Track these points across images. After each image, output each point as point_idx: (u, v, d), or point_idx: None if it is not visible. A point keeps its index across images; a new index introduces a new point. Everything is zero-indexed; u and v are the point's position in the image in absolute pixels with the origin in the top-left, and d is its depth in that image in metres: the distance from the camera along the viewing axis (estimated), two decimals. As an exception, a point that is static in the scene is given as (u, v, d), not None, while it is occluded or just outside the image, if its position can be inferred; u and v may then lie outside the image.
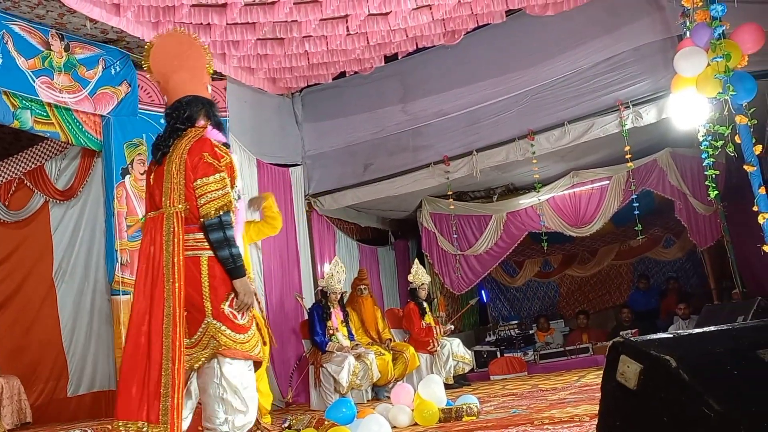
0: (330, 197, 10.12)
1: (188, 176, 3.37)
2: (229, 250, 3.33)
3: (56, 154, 7.98)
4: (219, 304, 3.29)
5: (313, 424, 4.24)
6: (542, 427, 3.91)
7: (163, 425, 3.10)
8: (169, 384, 3.14)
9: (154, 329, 3.25)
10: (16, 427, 6.82)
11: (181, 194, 3.37)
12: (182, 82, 3.58)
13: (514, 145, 8.95)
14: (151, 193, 3.50)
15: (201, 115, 3.55)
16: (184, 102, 3.53)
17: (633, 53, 8.28)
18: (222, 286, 3.33)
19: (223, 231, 3.33)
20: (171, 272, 3.28)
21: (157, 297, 3.28)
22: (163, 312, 3.24)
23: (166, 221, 3.36)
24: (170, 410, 3.12)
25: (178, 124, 3.50)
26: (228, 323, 3.28)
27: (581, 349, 9.77)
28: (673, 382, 1.71)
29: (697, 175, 8.79)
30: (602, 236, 12.12)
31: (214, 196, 3.33)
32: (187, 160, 3.38)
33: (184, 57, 3.64)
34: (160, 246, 3.34)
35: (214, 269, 3.34)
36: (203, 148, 3.40)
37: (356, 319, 8.64)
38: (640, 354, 1.79)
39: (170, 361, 3.17)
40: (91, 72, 7.16)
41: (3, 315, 8.07)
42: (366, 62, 8.76)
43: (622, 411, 1.86)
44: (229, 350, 3.26)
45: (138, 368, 3.25)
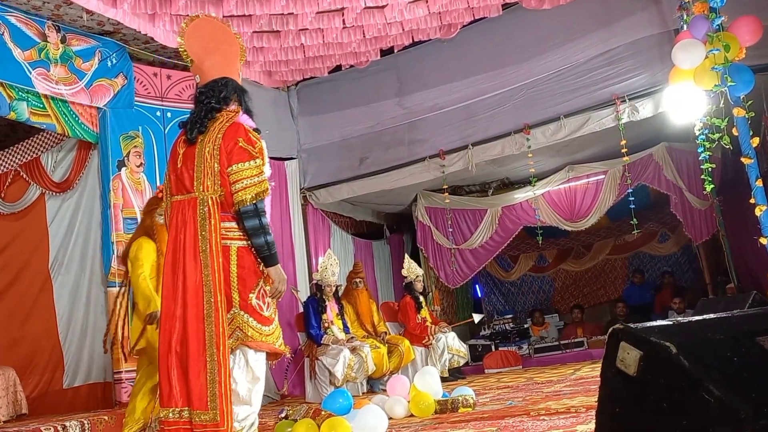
0: (325, 191, 10.13)
1: (222, 162, 3.32)
2: (264, 237, 3.31)
3: (52, 146, 7.96)
4: (247, 295, 3.28)
5: (309, 415, 4.25)
6: (538, 418, 3.92)
7: (212, 411, 3.11)
8: (215, 370, 3.14)
9: (191, 315, 3.22)
10: (11, 418, 6.80)
11: (216, 179, 3.32)
12: (217, 64, 3.57)
13: (509, 139, 8.95)
14: (179, 176, 3.44)
15: (234, 98, 3.54)
16: (221, 83, 3.51)
17: (629, 47, 8.28)
18: (250, 277, 3.32)
19: (258, 218, 3.30)
20: (210, 259, 3.25)
21: (192, 284, 3.25)
22: (203, 299, 3.22)
23: (200, 207, 3.32)
24: (218, 396, 3.12)
25: (213, 103, 3.46)
26: (255, 315, 3.28)
27: (576, 343, 9.81)
28: (673, 369, 1.72)
29: (693, 170, 8.82)
30: (597, 231, 12.15)
31: (251, 182, 3.28)
32: (222, 145, 3.34)
33: (220, 41, 3.63)
34: (194, 232, 3.31)
35: (243, 260, 3.32)
36: (238, 133, 3.36)
37: (351, 312, 8.65)
38: (640, 340, 1.80)
39: (215, 347, 3.17)
40: (88, 64, 7.15)
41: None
42: (362, 56, 8.76)
43: (622, 397, 1.87)
44: (254, 342, 3.27)
45: (178, 356, 3.24)
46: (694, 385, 1.65)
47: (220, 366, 3.15)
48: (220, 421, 3.10)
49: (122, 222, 7.33)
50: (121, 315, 5.26)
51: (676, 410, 1.71)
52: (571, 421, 3.64)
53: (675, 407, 1.71)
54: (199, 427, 3.13)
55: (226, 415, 3.12)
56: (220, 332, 3.17)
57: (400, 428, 4.40)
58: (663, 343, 1.74)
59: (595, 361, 8.61)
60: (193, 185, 3.36)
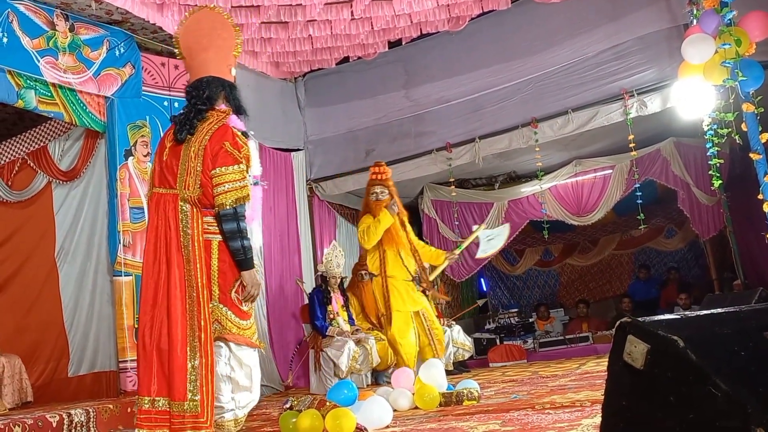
0: (331, 182, 10.12)
1: (206, 163, 3.38)
2: (241, 241, 3.38)
3: (60, 134, 7.97)
4: (227, 289, 3.36)
5: (314, 405, 4.25)
6: (543, 412, 3.92)
7: (191, 402, 3.18)
8: (197, 363, 3.21)
9: (174, 308, 3.28)
10: (17, 406, 6.83)
11: (197, 179, 3.39)
12: (206, 62, 3.61)
13: (517, 133, 8.93)
14: (163, 169, 3.50)
15: (221, 97, 3.58)
16: (205, 81, 3.56)
17: (638, 42, 8.24)
18: (230, 272, 3.40)
19: (237, 222, 3.37)
20: (192, 254, 3.33)
21: (175, 278, 3.32)
22: (186, 293, 3.29)
23: (181, 204, 3.41)
24: (200, 388, 3.20)
25: (199, 105, 3.51)
26: (233, 308, 3.37)
27: (581, 337, 9.80)
28: (680, 363, 1.71)
29: (701, 165, 8.78)
30: (604, 225, 12.13)
31: (232, 187, 3.35)
32: (208, 147, 3.40)
33: (214, 36, 3.65)
34: (176, 227, 3.38)
35: (223, 254, 3.40)
36: (224, 137, 3.42)
37: (357, 304, 8.66)
38: (648, 334, 1.79)
39: (197, 340, 3.24)
40: (96, 53, 7.15)
41: (5, 295, 8.08)
42: (370, 47, 8.74)
43: (629, 391, 1.86)
44: (232, 335, 3.34)
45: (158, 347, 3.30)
46: (701, 379, 1.65)
47: (202, 359, 3.22)
48: (200, 412, 3.17)
49: (129, 211, 7.33)
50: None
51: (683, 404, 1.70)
52: (576, 414, 3.63)
53: (682, 401, 1.70)
54: (177, 417, 3.18)
55: (207, 406, 3.19)
56: (202, 326, 3.24)
57: (405, 420, 4.41)
58: (671, 336, 1.74)
59: (600, 355, 8.60)
60: (176, 182, 3.43)
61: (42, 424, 5.25)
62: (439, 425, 3.90)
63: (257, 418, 5.65)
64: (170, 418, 3.22)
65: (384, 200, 6.19)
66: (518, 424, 3.54)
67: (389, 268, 6.18)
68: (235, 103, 3.65)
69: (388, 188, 6.29)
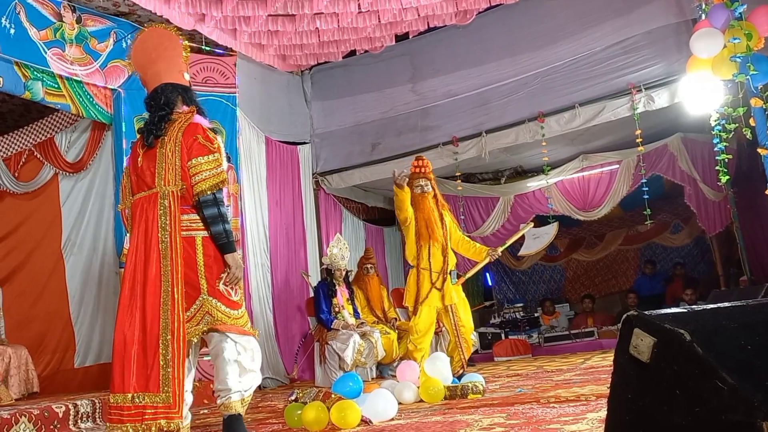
0: (337, 176, 10.13)
1: (183, 157, 3.54)
2: (222, 225, 3.54)
3: (66, 126, 7.99)
4: (214, 282, 3.50)
5: (319, 398, 4.26)
6: (548, 406, 3.92)
7: (164, 393, 3.28)
8: (168, 356, 3.31)
9: (150, 305, 3.40)
10: (23, 396, 6.86)
11: (177, 174, 3.54)
12: (158, 72, 3.79)
13: (523, 127, 8.92)
14: (140, 174, 3.65)
15: (178, 100, 3.74)
16: (159, 89, 3.74)
17: (646, 36, 8.22)
18: (216, 265, 3.54)
19: (217, 207, 3.54)
20: (169, 250, 3.45)
21: (152, 275, 3.43)
22: (161, 288, 3.40)
23: (161, 200, 3.52)
24: (171, 380, 3.29)
25: (160, 111, 3.68)
26: (223, 300, 3.51)
27: (586, 332, 9.79)
28: (686, 356, 1.71)
29: (708, 161, 8.77)
30: (610, 221, 12.10)
31: (209, 174, 3.53)
32: (182, 142, 3.56)
33: (161, 48, 3.85)
34: (155, 224, 3.50)
35: (208, 248, 3.54)
36: (196, 131, 3.60)
37: (362, 298, 8.66)
38: (654, 327, 1.79)
39: (169, 334, 3.34)
40: (103, 45, 7.15)
41: (12, 285, 8.11)
42: (376, 41, 8.72)
43: (635, 384, 1.86)
44: (224, 325, 3.47)
45: (134, 344, 3.39)
46: (707, 372, 1.65)
47: (174, 353, 3.32)
48: (172, 404, 3.28)
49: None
50: None
51: (688, 397, 1.70)
52: (581, 408, 3.63)
53: (688, 394, 1.70)
54: (150, 408, 3.28)
55: (178, 398, 3.29)
56: (175, 320, 3.35)
57: (410, 413, 4.41)
58: (677, 330, 1.73)
59: (605, 350, 8.60)
60: (154, 181, 3.57)
61: (48, 415, 5.28)
62: (444, 418, 3.90)
63: (263, 410, 5.67)
64: (142, 413, 3.31)
65: (428, 192, 6.29)
66: (523, 418, 3.54)
67: (423, 261, 6.21)
68: (194, 103, 3.81)
69: (431, 181, 6.38)
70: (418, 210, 6.24)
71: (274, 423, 4.67)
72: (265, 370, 8.24)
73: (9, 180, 8.24)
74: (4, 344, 7.08)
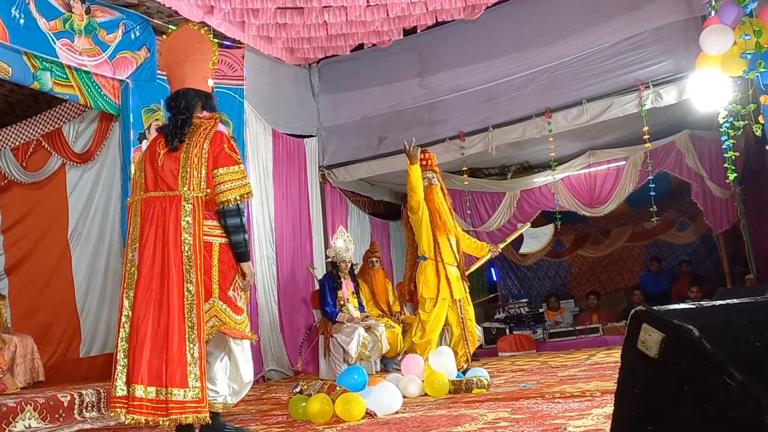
0: (344, 169, 10.13)
1: (209, 165, 3.61)
2: (243, 235, 3.65)
3: (74, 116, 8.01)
4: (226, 287, 3.61)
5: (324, 390, 4.27)
6: (553, 401, 3.92)
7: (193, 390, 3.38)
8: (195, 353, 3.42)
9: (173, 305, 3.45)
10: (29, 385, 6.89)
11: (202, 181, 3.60)
12: (183, 75, 3.84)
13: (530, 123, 8.90)
14: (160, 174, 3.66)
15: (198, 106, 3.80)
16: (182, 93, 3.78)
17: (655, 33, 8.19)
18: (230, 271, 3.65)
19: (239, 217, 3.64)
20: (192, 252, 3.52)
21: (173, 275, 3.48)
22: (184, 288, 3.47)
23: (184, 204, 3.57)
24: (199, 377, 3.40)
25: (180, 115, 3.73)
26: (231, 305, 3.63)
27: (591, 329, 9.78)
28: (695, 352, 1.70)
29: (716, 158, 8.74)
30: (616, 217, 12.08)
31: (236, 185, 3.61)
32: (210, 150, 3.64)
33: (190, 50, 3.88)
34: (176, 226, 3.54)
35: (224, 255, 3.64)
36: (222, 140, 3.68)
37: (367, 291, 8.67)
38: (663, 323, 1.79)
39: (195, 332, 3.44)
40: (111, 36, 7.15)
41: (18, 275, 8.16)
42: (384, 35, 8.71)
43: (642, 379, 1.86)
44: (229, 330, 3.60)
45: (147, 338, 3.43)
46: (715, 368, 1.64)
47: (199, 350, 3.42)
48: (200, 398, 3.40)
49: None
50: None
51: (696, 393, 1.70)
52: (586, 404, 3.64)
53: (696, 390, 1.70)
54: (178, 403, 3.36)
55: (204, 393, 3.41)
56: (200, 320, 3.45)
57: (414, 406, 4.42)
58: (685, 326, 1.73)
59: (610, 347, 8.60)
60: (177, 184, 3.61)
61: (53, 403, 5.30)
62: (449, 412, 3.91)
63: (267, 402, 5.68)
64: (167, 406, 3.36)
65: (436, 185, 6.26)
66: (528, 413, 3.55)
67: (436, 253, 6.15)
68: (214, 111, 3.88)
69: (437, 174, 6.36)
70: (428, 201, 6.20)
71: (278, 415, 4.69)
72: (269, 362, 8.27)
73: (17, 170, 8.27)
74: (10, 333, 7.12)
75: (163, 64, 4.03)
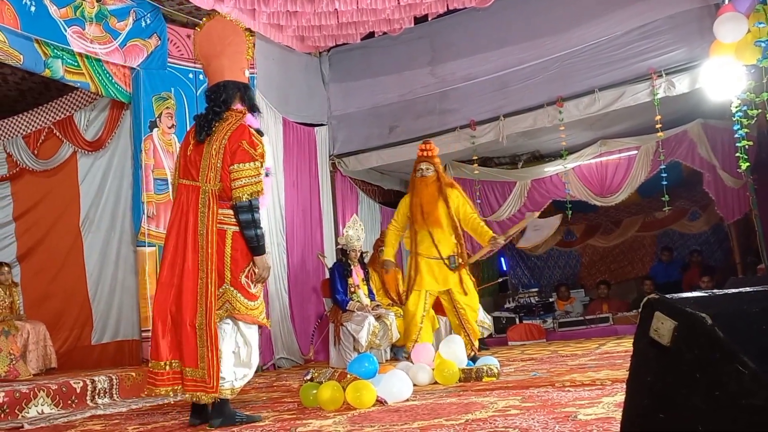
0: (354, 158, 10.13)
1: (225, 160, 3.76)
2: (255, 230, 3.75)
3: (85, 104, 8.03)
4: (238, 274, 3.74)
5: (335, 378, 4.28)
6: (563, 389, 3.92)
7: (201, 370, 3.62)
8: (204, 337, 3.62)
9: (186, 290, 3.70)
10: (41, 371, 6.95)
11: (217, 174, 3.77)
12: (221, 67, 3.95)
13: (542, 112, 8.88)
14: (189, 163, 3.90)
15: (236, 98, 3.93)
16: (222, 86, 3.91)
17: (668, 21, 8.14)
18: (242, 259, 3.78)
19: (251, 213, 3.74)
20: (205, 241, 3.71)
21: (189, 262, 3.72)
22: (198, 277, 3.70)
23: (202, 195, 3.76)
24: (207, 359, 3.60)
25: (215, 108, 3.88)
26: (243, 291, 3.75)
27: (601, 318, 9.76)
28: (707, 340, 1.70)
29: (728, 148, 8.68)
30: (627, 207, 12.03)
31: (249, 181, 3.72)
32: (227, 145, 3.77)
33: (227, 43, 3.99)
34: (195, 215, 3.78)
35: (237, 243, 3.78)
36: (242, 136, 3.78)
37: (377, 280, 8.67)
38: (675, 311, 1.78)
39: (204, 317, 3.64)
40: (122, 24, 7.16)
41: (30, 262, 8.21)
42: (395, 23, 8.67)
43: (654, 367, 1.85)
44: (240, 315, 3.74)
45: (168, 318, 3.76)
46: (728, 356, 1.64)
47: (208, 334, 3.62)
48: (207, 380, 3.61)
49: (153, 182, 7.38)
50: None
51: (709, 381, 1.69)
52: (597, 393, 3.63)
53: (708, 378, 1.69)
54: (190, 381, 3.65)
55: (213, 374, 3.61)
56: (210, 306, 3.65)
57: (425, 394, 4.42)
58: (698, 314, 1.72)
59: (620, 336, 8.58)
60: (198, 176, 3.83)
61: (66, 390, 5.34)
62: (459, 400, 3.91)
63: (278, 390, 5.70)
64: (182, 379, 3.69)
65: (429, 176, 6.16)
66: (538, 401, 3.55)
67: (417, 247, 6.13)
68: (250, 103, 4.00)
69: (434, 165, 6.23)
70: (414, 194, 6.17)
71: (289, 402, 4.70)
72: (279, 350, 8.30)
73: (28, 157, 8.30)
74: (23, 320, 7.17)
75: (199, 54, 4.11)
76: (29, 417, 4.90)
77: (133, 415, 4.76)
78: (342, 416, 3.72)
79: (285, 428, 3.43)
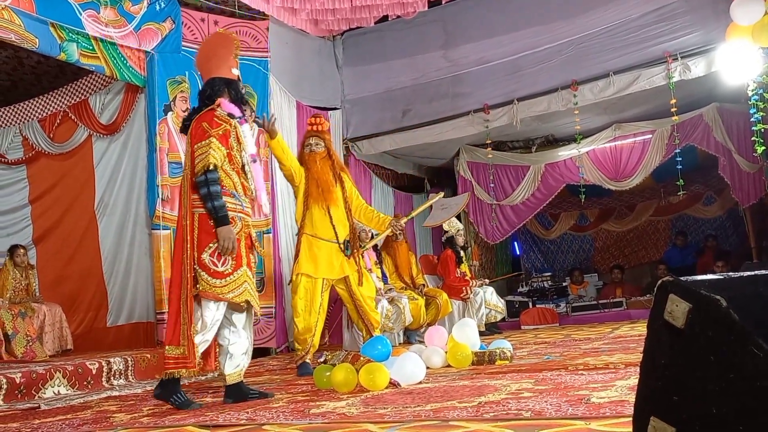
0: (367, 142, 10.13)
1: (192, 146, 3.98)
2: (211, 203, 3.88)
3: (100, 88, 8.06)
4: (201, 254, 3.89)
5: (348, 360, 4.30)
6: (577, 372, 3.93)
7: (182, 347, 3.83)
8: (186, 314, 3.84)
9: (175, 271, 3.98)
10: (57, 353, 7.03)
11: (188, 160, 4.01)
12: (210, 69, 4.24)
13: (556, 95, 8.84)
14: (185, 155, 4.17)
15: (223, 92, 4.15)
16: (209, 83, 4.18)
17: (683, 4, 8.08)
18: (205, 238, 3.92)
19: (207, 187, 3.87)
20: (181, 226, 4.00)
21: (178, 245, 4.01)
22: (182, 257, 3.91)
23: (183, 183, 4.05)
24: (187, 335, 3.83)
25: (199, 103, 4.16)
26: (206, 270, 3.88)
27: (615, 303, 9.77)
28: (722, 322, 1.70)
29: (744, 132, 8.63)
30: (641, 191, 11.96)
31: (201, 158, 3.89)
32: (191, 131, 4.02)
33: (216, 48, 4.34)
34: (181, 201, 4.10)
35: (203, 224, 3.94)
36: (203, 119, 3.99)
37: (390, 264, 8.69)
38: (690, 293, 1.78)
39: (185, 296, 3.86)
40: (137, 7, 7.17)
41: (46, 244, 8.27)
42: (409, 6, 8.64)
43: (668, 350, 1.85)
44: (204, 293, 3.90)
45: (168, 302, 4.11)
46: (743, 339, 1.64)
47: (187, 310, 3.84)
48: (188, 356, 3.82)
49: (167, 166, 7.40)
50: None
51: (723, 363, 1.69)
52: (610, 376, 3.64)
53: (722, 360, 1.70)
54: (171, 358, 3.85)
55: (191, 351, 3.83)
56: (187, 285, 3.86)
57: (438, 377, 4.44)
58: (713, 296, 1.72)
59: (634, 321, 8.58)
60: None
61: (82, 371, 5.40)
62: (472, 383, 3.92)
63: (292, 372, 5.74)
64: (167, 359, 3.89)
65: (319, 152, 5.72)
66: (551, 384, 3.56)
67: (308, 226, 5.66)
68: (236, 95, 4.21)
69: (325, 141, 5.82)
70: (308, 170, 5.69)
71: (302, 384, 4.73)
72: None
73: (44, 140, 8.35)
74: (39, 302, 7.23)
75: (197, 67, 4.50)
76: (46, 397, 4.96)
77: (148, 396, 4.81)
78: (355, 398, 3.75)
79: (299, 409, 3.45)
